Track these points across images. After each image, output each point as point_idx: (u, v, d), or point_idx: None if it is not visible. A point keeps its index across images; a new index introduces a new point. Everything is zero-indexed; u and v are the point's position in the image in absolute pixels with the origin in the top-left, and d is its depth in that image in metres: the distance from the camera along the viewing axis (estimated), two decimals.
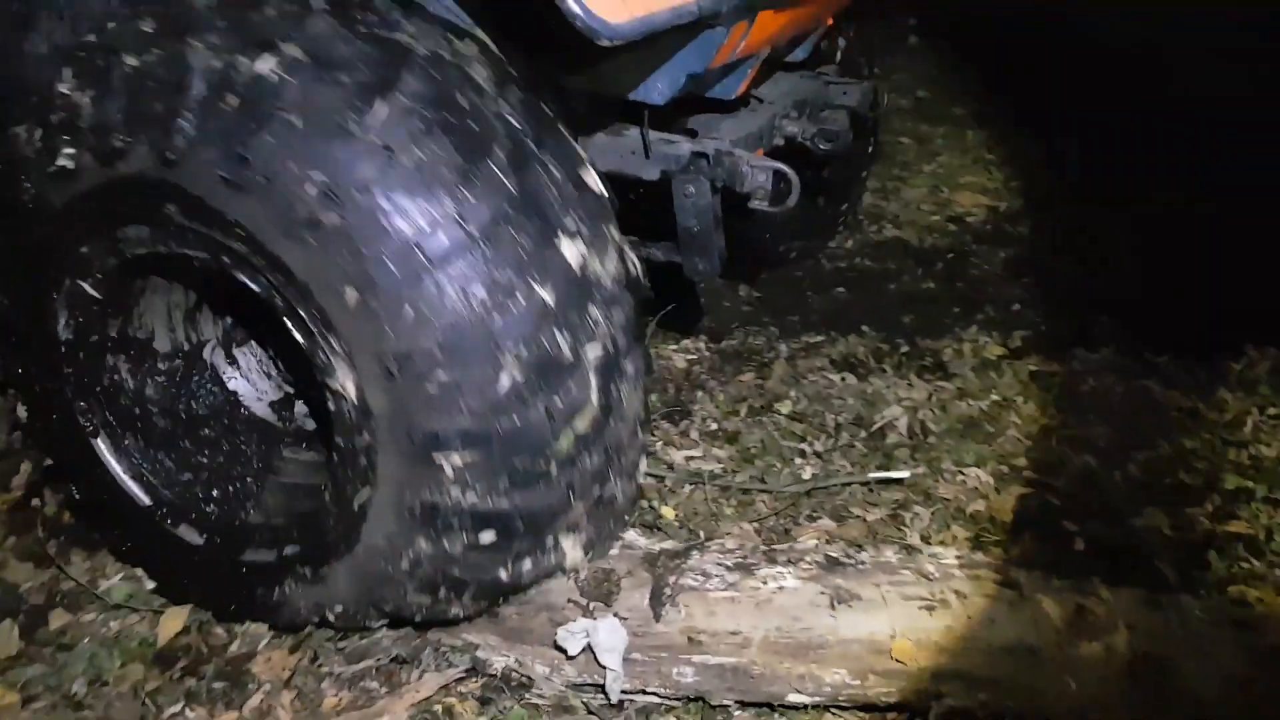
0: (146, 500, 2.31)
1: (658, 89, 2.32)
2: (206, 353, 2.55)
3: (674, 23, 1.95)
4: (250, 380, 2.62)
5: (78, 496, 2.45)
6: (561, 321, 1.87)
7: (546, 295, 1.85)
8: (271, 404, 2.63)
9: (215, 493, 2.38)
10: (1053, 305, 3.93)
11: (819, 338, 3.74)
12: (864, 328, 3.80)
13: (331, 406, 1.95)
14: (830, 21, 3.13)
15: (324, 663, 2.25)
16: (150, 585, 2.49)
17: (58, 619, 2.43)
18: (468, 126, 1.85)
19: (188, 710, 2.17)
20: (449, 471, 1.88)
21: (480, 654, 2.18)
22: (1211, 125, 4.71)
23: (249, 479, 2.44)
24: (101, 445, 2.30)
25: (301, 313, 1.88)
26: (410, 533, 1.97)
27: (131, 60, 1.88)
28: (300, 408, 2.66)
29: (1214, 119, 4.77)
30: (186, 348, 2.51)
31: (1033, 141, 5.52)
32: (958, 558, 2.21)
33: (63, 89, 1.95)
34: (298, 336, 1.91)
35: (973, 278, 4.27)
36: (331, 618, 2.20)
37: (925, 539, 2.59)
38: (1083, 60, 5.77)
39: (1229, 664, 1.94)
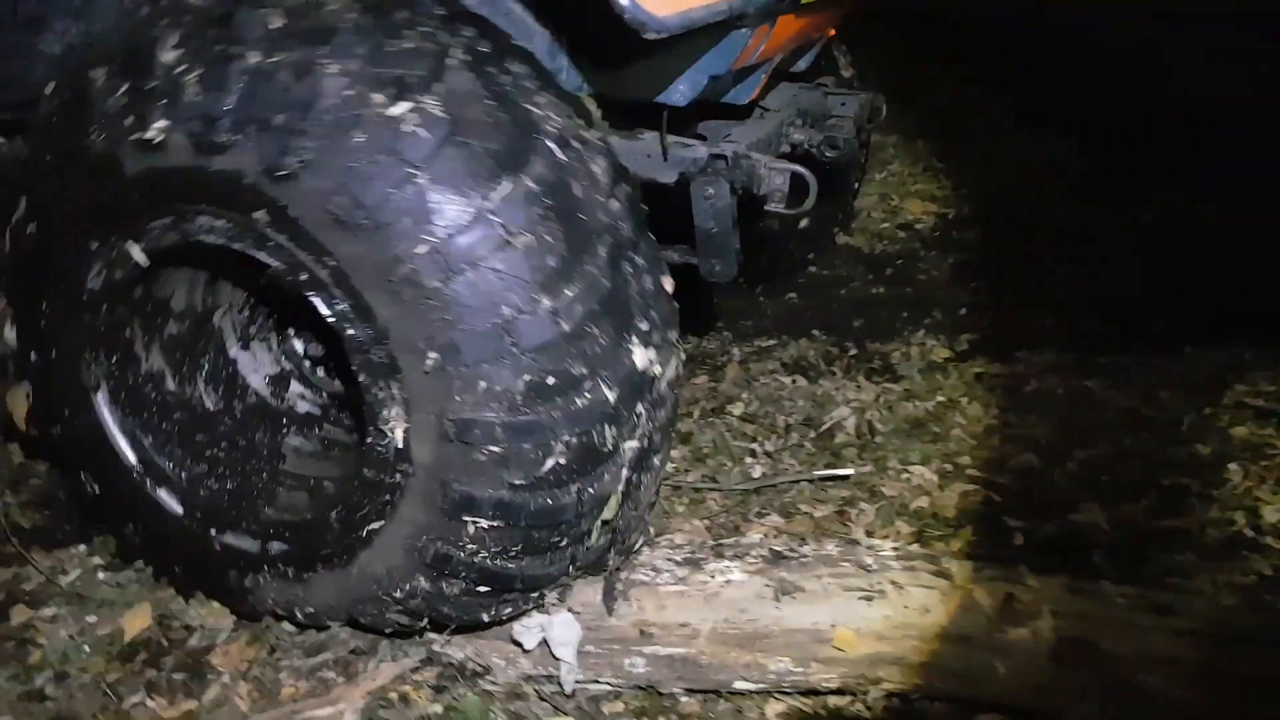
0: (132, 458, 2.25)
1: (680, 90, 2.34)
2: (217, 317, 2.50)
3: (709, 19, 1.99)
4: (251, 351, 2.58)
5: (56, 434, 2.35)
6: (613, 417, 1.89)
7: (609, 393, 1.87)
8: (268, 378, 2.59)
9: (204, 466, 2.34)
10: (999, 309, 4.02)
11: (771, 341, 3.83)
12: (815, 332, 3.89)
13: (370, 439, 1.94)
14: (832, 33, 3.18)
15: (282, 655, 2.29)
16: (113, 578, 2.53)
17: (19, 615, 2.45)
18: (579, 220, 1.85)
19: (148, 700, 2.20)
20: (471, 531, 1.91)
21: (437, 647, 2.23)
22: (1211, 125, 4.78)
23: (243, 460, 2.40)
24: (99, 398, 2.22)
25: (370, 354, 1.86)
26: (414, 570, 2.00)
27: (254, 56, 1.79)
28: (295, 387, 2.64)
29: (1214, 119, 4.84)
30: (200, 309, 2.46)
31: (984, 148, 5.63)
32: (894, 550, 2.31)
33: (164, 57, 1.84)
34: (359, 374, 1.90)
35: (921, 283, 4.37)
36: (300, 616, 2.22)
37: (870, 534, 2.67)
38: (1081, 60, 5.79)
39: (1149, 645, 2.03)
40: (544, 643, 2.15)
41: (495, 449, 1.83)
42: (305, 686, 2.21)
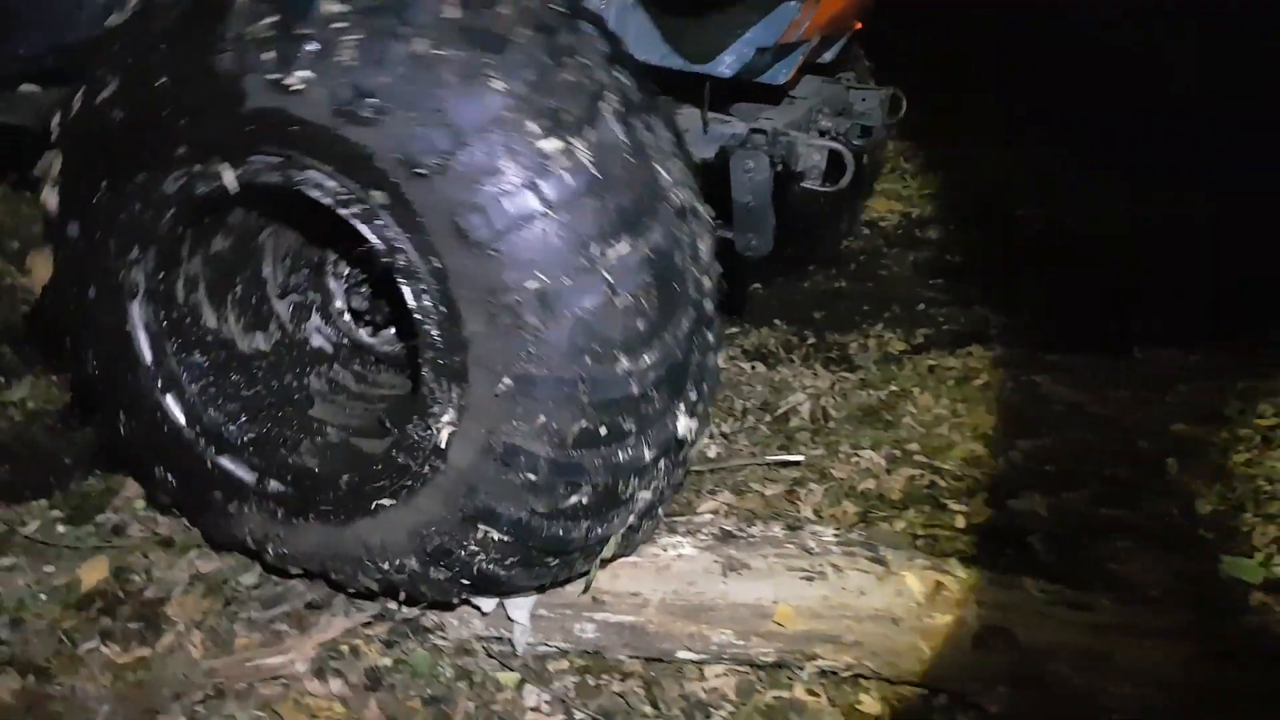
0: (148, 358, 2.18)
1: (726, 61, 2.35)
2: (262, 237, 2.45)
3: None
4: (279, 275, 2.52)
5: (72, 309, 2.23)
6: (642, 472, 1.94)
7: (648, 452, 1.91)
8: (292, 305, 2.56)
9: (220, 388, 2.29)
10: (955, 306, 4.12)
11: (734, 329, 3.89)
12: (776, 321, 3.96)
13: (410, 426, 1.95)
14: (859, 25, 3.21)
15: (238, 608, 2.33)
16: (73, 532, 2.55)
17: None
18: (674, 292, 1.87)
19: (102, 647, 2.22)
20: (480, 537, 1.96)
21: (391, 604, 2.28)
22: (1211, 125, 4.81)
23: (262, 395, 2.38)
24: (133, 294, 2.13)
25: (443, 356, 1.87)
26: (409, 552, 2.04)
27: (421, 43, 1.72)
28: (315, 320, 2.60)
29: (1214, 119, 4.87)
30: (250, 226, 2.39)
31: (954, 149, 5.68)
32: (835, 535, 2.39)
33: (326, 8, 1.76)
34: (424, 367, 1.90)
35: (882, 278, 4.45)
36: (269, 555, 2.22)
37: (818, 513, 2.75)
38: (1080, 60, 5.81)
39: (1065, 637, 2.13)
40: (500, 605, 2.22)
41: (532, 477, 1.87)
42: (259, 638, 2.25)
